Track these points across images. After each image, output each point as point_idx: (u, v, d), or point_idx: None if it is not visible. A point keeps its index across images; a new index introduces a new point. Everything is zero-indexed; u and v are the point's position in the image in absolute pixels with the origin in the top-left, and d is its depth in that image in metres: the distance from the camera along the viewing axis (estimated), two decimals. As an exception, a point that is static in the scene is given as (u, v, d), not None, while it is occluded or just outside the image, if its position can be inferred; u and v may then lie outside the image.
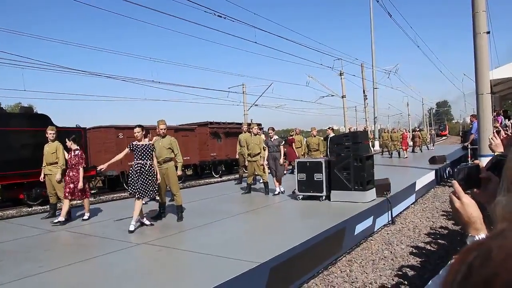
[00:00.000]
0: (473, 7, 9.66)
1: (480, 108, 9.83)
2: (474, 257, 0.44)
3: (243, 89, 31.77)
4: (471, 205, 1.12)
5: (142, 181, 6.09)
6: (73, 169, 7.00)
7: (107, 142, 14.86)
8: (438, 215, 8.14)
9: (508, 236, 0.45)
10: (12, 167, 10.50)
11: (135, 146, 6.23)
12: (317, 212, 6.83)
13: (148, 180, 6.14)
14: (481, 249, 0.44)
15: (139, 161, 6.18)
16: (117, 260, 4.57)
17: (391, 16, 21.88)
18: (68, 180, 6.95)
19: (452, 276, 0.45)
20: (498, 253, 0.42)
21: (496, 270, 0.40)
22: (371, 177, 7.65)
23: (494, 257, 0.42)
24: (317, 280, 4.80)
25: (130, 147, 6.26)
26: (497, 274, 0.40)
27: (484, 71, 9.73)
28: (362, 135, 8.50)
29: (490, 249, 0.43)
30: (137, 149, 6.21)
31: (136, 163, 6.19)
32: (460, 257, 0.47)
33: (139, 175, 6.11)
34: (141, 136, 6.34)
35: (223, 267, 4.04)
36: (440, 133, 79.58)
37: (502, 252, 0.42)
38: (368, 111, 35.20)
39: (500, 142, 2.52)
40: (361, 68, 34.26)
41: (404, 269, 5.05)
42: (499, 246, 0.43)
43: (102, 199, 12.83)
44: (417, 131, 26.42)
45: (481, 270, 0.42)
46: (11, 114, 14.52)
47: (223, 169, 20.47)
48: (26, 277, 4.02)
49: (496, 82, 12.08)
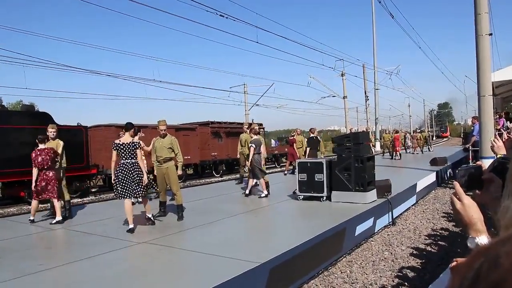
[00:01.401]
0: (475, 9, 9.64)
1: (482, 110, 9.81)
2: (481, 262, 0.44)
3: (245, 89, 31.80)
4: (472, 207, 1.12)
5: (127, 180, 5.89)
6: (47, 169, 6.78)
7: (107, 141, 14.86)
8: (439, 216, 8.12)
9: None
10: (13, 165, 10.51)
11: (117, 145, 5.99)
12: (317, 213, 6.82)
13: (133, 179, 5.91)
14: (489, 254, 0.44)
15: (122, 160, 5.98)
16: (117, 259, 4.56)
17: (393, 17, 21.86)
18: (40, 178, 6.71)
19: (459, 281, 0.45)
20: (506, 259, 0.41)
21: (504, 276, 0.40)
22: (372, 178, 7.64)
23: (502, 263, 0.41)
24: (317, 281, 4.79)
25: (113, 146, 6.04)
26: (505, 280, 0.39)
27: (486, 73, 9.71)
28: (363, 136, 8.49)
29: (498, 255, 0.43)
30: (120, 148, 5.98)
31: (121, 163, 5.98)
32: (467, 262, 0.47)
33: (124, 174, 5.90)
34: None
35: (223, 267, 4.03)
36: (441, 134, 79.51)
37: (510, 258, 0.41)
38: (369, 112, 35.20)
39: (502, 144, 2.50)
40: (362, 69, 34.31)
41: (404, 270, 5.04)
42: (508, 252, 0.42)
43: (102, 197, 12.84)
44: (418, 133, 26.43)
45: (489, 276, 0.41)
46: (13, 112, 14.54)
47: (224, 168, 20.48)
48: (26, 275, 4.02)
49: (498, 84, 12.07)
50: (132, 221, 5.86)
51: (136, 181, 5.93)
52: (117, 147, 6.00)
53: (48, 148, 6.81)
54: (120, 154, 6.00)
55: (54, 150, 6.91)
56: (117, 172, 5.94)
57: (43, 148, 6.77)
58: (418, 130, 29.07)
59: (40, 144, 6.80)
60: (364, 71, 34.28)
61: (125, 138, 6.16)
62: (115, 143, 6.07)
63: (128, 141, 6.05)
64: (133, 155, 6.00)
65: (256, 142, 8.82)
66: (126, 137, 6.18)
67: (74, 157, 11.40)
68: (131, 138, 6.18)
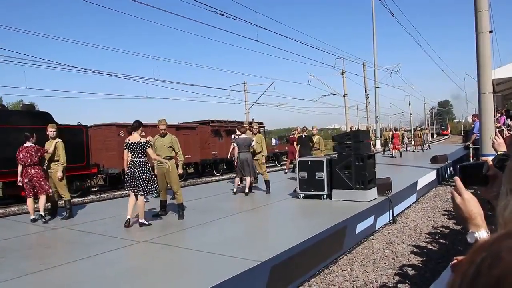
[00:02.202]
0: (475, 6, 9.62)
1: (482, 108, 9.81)
2: (483, 257, 0.43)
3: (245, 87, 31.79)
4: (472, 201, 1.12)
5: (136, 178, 6.16)
6: (29, 166, 6.88)
7: (108, 140, 14.90)
8: (440, 214, 8.12)
9: None
10: (13, 165, 10.49)
11: (128, 145, 6.28)
12: (318, 211, 6.82)
13: (140, 177, 6.17)
14: (490, 249, 0.44)
15: (131, 158, 6.27)
16: (118, 258, 4.57)
17: (393, 15, 21.78)
18: (23, 175, 6.86)
19: (460, 276, 0.45)
20: (507, 254, 0.41)
21: (506, 271, 0.40)
22: (373, 176, 7.64)
23: (504, 257, 0.41)
24: (318, 279, 4.80)
25: (125, 145, 6.34)
26: (506, 275, 0.39)
27: (486, 71, 9.70)
28: (364, 134, 8.49)
29: (499, 250, 0.42)
30: (130, 147, 6.25)
31: (130, 161, 6.29)
32: (467, 258, 0.46)
33: (132, 172, 6.20)
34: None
35: (224, 265, 4.03)
36: (441, 132, 79.49)
37: (511, 253, 0.41)
38: (369, 110, 35.16)
39: (502, 141, 2.51)
40: (362, 67, 34.21)
41: (405, 268, 5.04)
42: (509, 247, 0.42)
43: (103, 196, 12.86)
44: (418, 130, 26.42)
45: (491, 271, 0.41)
46: (13, 112, 14.55)
47: (224, 167, 20.49)
48: (27, 275, 4.03)
49: (498, 81, 12.04)
50: (130, 214, 6.13)
51: (141, 179, 6.17)
52: (127, 146, 6.28)
53: (30, 146, 6.91)
54: (130, 152, 6.28)
55: (37, 148, 6.97)
56: (127, 169, 6.30)
57: (26, 146, 6.91)
58: (418, 128, 29.05)
59: (26, 141, 6.94)
60: (364, 69, 34.22)
61: (134, 137, 6.36)
62: (125, 142, 6.37)
63: (137, 141, 6.27)
64: (141, 154, 6.25)
65: (239, 141, 8.85)
66: (134, 136, 6.38)
67: (75, 157, 11.40)
68: (139, 137, 6.38)
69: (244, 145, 8.76)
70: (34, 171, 6.86)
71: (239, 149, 8.83)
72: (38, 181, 6.87)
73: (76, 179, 12.76)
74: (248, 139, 8.85)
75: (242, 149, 8.76)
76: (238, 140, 8.91)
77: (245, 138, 8.89)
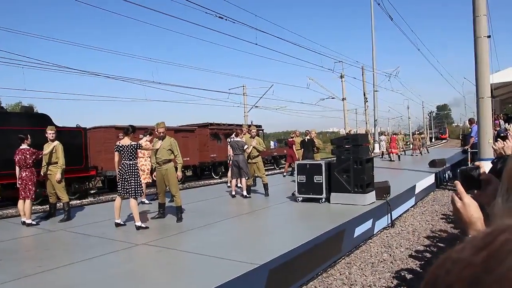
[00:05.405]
0: (474, 11, 9.68)
1: (481, 112, 9.84)
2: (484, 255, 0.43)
3: (244, 90, 31.79)
4: (472, 206, 1.13)
5: (125, 180, 6.18)
6: (22, 169, 6.91)
7: (107, 142, 14.85)
8: (438, 218, 8.13)
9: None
10: (12, 166, 10.48)
11: (119, 147, 6.32)
12: (316, 214, 6.83)
13: (130, 180, 6.17)
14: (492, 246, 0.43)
15: (123, 161, 6.29)
16: (117, 261, 4.56)
17: (392, 19, 21.90)
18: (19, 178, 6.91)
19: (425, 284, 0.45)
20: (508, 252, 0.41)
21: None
22: (371, 179, 7.65)
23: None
24: (316, 282, 4.80)
25: (115, 148, 6.37)
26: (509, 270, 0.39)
27: (484, 75, 9.74)
28: (362, 137, 8.50)
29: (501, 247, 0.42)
30: (121, 149, 6.29)
31: (120, 163, 6.32)
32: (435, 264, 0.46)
33: (121, 175, 6.23)
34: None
35: (222, 268, 4.04)
36: (440, 136, 79.66)
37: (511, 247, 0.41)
38: (368, 113, 35.23)
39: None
40: (361, 71, 34.33)
41: (403, 272, 5.04)
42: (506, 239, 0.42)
43: (101, 199, 12.83)
44: (417, 134, 26.49)
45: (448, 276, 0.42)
46: (12, 113, 14.52)
47: (223, 170, 20.45)
48: (25, 277, 4.02)
49: (496, 86, 12.11)
50: (119, 216, 6.28)
51: (130, 181, 6.18)
52: (117, 148, 6.34)
53: (26, 149, 6.93)
54: (122, 155, 6.32)
55: (32, 151, 6.97)
56: (118, 172, 6.33)
57: (22, 148, 6.93)
58: (417, 132, 29.10)
59: (21, 143, 6.96)
60: (363, 73, 34.32)
61: (125, 140, 6.38)
62: (116, 145, 6.41)
63: (127, 143, 6.29)
64: (131, 156, 6.27)
65: (233, 143, 9.04)
66: (125, 139, 6.40)
67: (73, 159, 11.38)
68: (130, 141, 6.38)
69: (238, 147, 8.92)
70: (25, 174, 6.90)
71: (233, 151, 9.05)
72: (27, 184, 6.88)
73: (75, 181, 12.72)
74: (241, 142, 9.03)
75: (236, 151, 8.91)
76: (232, 143, 9.13)
77: (238, 141, 9.07)
